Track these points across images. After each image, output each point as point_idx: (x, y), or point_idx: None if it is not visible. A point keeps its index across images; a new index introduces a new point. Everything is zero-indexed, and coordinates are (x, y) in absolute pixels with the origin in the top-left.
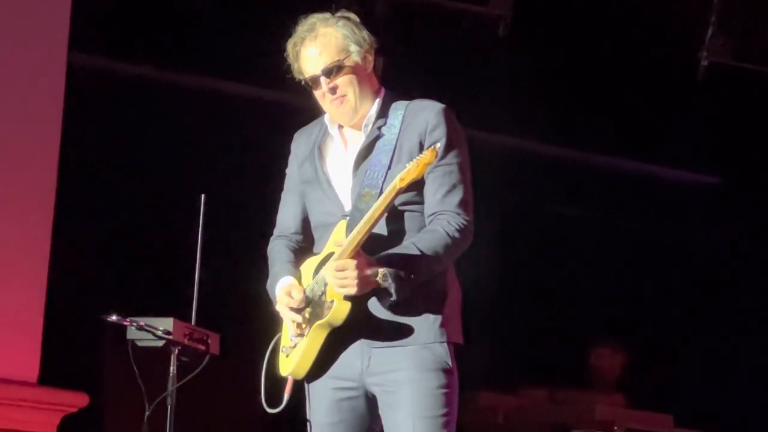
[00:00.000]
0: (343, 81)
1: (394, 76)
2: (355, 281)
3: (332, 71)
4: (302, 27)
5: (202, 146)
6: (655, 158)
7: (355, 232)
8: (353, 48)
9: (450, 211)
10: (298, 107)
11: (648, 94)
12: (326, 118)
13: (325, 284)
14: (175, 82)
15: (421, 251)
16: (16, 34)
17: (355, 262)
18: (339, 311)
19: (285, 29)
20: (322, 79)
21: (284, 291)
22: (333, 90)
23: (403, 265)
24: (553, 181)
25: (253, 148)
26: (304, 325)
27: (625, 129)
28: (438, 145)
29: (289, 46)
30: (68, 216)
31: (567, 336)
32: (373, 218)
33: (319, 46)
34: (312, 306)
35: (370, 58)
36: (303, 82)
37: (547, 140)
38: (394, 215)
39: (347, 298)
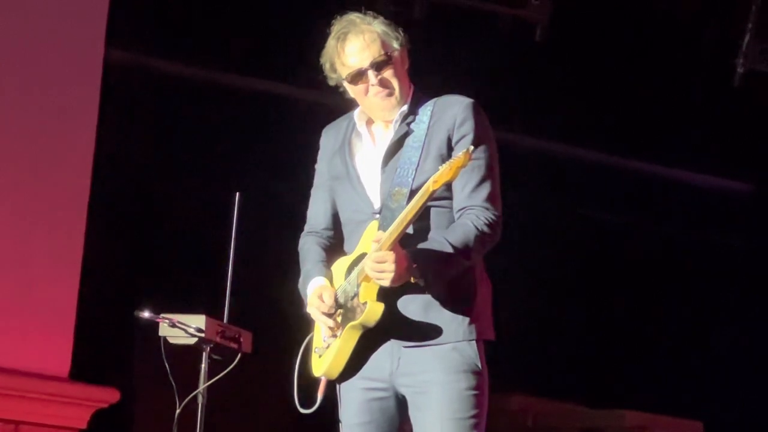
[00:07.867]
0: (390, 74)
1: (428, 76)
2: (392, 274)
3: (381, 64)
4: (341, 24)
5: (237, 144)
6: (690, 165)
7: (387, 234)
8: (395, 44)
9: (479, 206)
10: (331, 106)
11: (684, 100)
12: (355, 114)
13: (358, 285)
14: (209, 80)
15: (452, 246)
16: (52, 30)
17: (393, 255)
18: (372, 312)
19: (318, 28)
20: (370, 73)
21: (315, 293)
22: (381, 83)
23: (436, 260)
24: (587, 186)
25: (287, 147)
26: (336, 327)
27: (660, 135)
28: (471, 147)
29: (331, 41)
30: (102, 212)
31: (598, 340)
32: (406, 220)
33: (367, 40)
34: (344, 307)
35: (406, 55)
36: (341, 80)
37: (581, 144)
38: (422, 212)
39: (380, 298)
